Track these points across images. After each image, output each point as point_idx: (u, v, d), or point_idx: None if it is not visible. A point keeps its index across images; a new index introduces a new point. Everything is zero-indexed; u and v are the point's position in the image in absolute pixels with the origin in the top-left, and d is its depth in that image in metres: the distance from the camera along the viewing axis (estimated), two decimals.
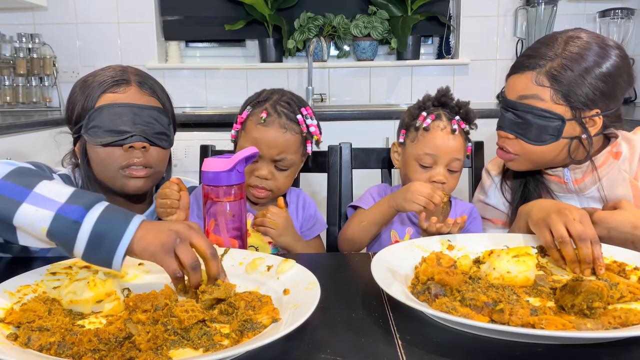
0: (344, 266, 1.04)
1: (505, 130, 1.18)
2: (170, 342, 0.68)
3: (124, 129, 1.12)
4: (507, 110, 1.18)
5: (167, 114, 1.21)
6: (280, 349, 0.67)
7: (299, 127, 1.25)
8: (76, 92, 1.18)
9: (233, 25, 3.04)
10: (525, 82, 1.14)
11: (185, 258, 0.77)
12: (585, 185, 1.22)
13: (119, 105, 1.14)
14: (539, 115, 1.13)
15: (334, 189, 1.51)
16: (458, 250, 1.02)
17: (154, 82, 1.23)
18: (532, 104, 1.13)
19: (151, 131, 1.15)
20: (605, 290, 0.75)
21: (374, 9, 3.08)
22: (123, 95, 1.15)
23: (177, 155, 2.38)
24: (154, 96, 1.19)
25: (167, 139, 1.20)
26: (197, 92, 3.18)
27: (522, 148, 1.18)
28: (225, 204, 1.00)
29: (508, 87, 1.20)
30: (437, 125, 1.29)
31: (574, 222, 0.94)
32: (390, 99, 3.22)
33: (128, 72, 1.20)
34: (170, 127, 1.22)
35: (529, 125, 1.14)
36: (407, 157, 1.33)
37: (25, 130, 2.10)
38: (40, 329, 0.70)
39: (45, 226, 0.78)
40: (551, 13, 2.98)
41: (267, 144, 1.22)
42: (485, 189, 1.38)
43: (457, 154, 1.29)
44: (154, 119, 1.16)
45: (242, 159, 0.99)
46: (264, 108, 1.24)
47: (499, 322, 0.72)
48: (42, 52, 2.96)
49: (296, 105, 1.27)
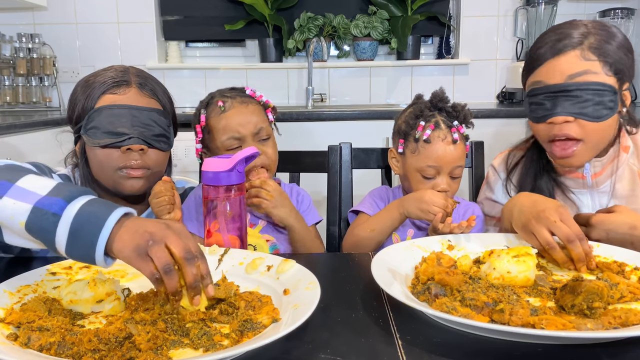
0: (344, 266, 1.04)
1: (562, 114, 1.11)
2: (170, 342, 0.68)
3: (122, 130, 1.12)
4: (554, 96, 1.12)
5: (168, 116, 1.21)
6: (280, 349, 0.67)
7: (253, 99, 1.32)
8: (78, 92, 1.18)
9: (233, 25, 3.04)
10: (572, 60, 1.11)
11: (157, 262, 0.69)
12: (602, 179, 1.21)
13: (118, 106, 1.13)
14: (594, 90, 1.09)
15: (334, 189, 1.51)
16: (458, 250, 1.02)
17: (156, 84, 1.22)
18: (586, 80, 1.10)
19: (150, 133, 1.14)
20: (606, 291, 0.76)
21: (374, 9, 3.08)
22: (123, 96, 1.15)
23: (177, 155, 2.38)
24: (154, 98, 1.19)
25: (166, 141, 1.20)
26: (197, 92, 3.17)
27: (583, 130, 1.12)
28: (225, 204, 1.00)
29: (548, 73, 1.13)
30: (437, 135, 1.26)
31: (556, 224, 0.93)
32: (390, 99, 3.22)
33: (129, 73, 1.19)
34: (170, 128, 1.22)
35: (586, 102, 1.10)
36: (409, 168, 1.31)
37: (25, 130, 2.10)
38: (40, 329, 0.70)
39: (23, 220, 0.73)
40: (551, 13, 2.98)
41: (240, 123, 1.26)
42: (491, 186, 1.36)
43: (459, 162, 1.28)
44: (153, 121, 1.16)
45: (242, 159, 1.00)
46: (215, 102, 1.29)
47: (499, 322, 0.72)
48: (42, 52, 2.96)
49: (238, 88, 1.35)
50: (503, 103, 3.06)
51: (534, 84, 1.17)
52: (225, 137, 1.26)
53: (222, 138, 1.26)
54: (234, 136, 1.25)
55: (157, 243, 0.70)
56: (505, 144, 1.43)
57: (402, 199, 1.25)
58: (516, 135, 1.41)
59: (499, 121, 2.56)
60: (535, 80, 1.17)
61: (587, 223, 1.08)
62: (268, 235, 1.31)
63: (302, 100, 3.19)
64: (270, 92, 1.29)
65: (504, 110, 2.61)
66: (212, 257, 0.93)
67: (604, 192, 1.22)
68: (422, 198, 1.19)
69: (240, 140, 1.26)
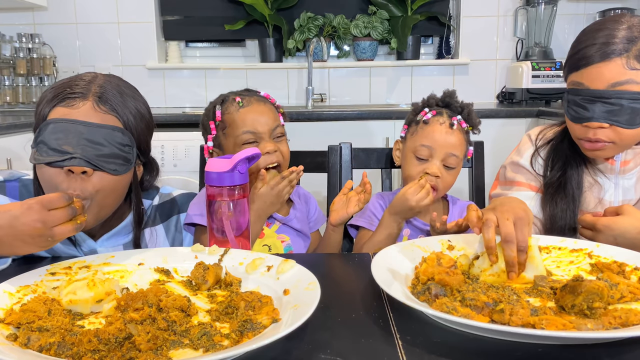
0: (344, 266, 1.04)
1: (599, 120, 1.13)
2: (170, 342, 0.68)
3: (66, 148, 0.98)
4: (594, 101, 1.14)
5: (127, 134, 1.05)
6: (280, 349, 0.67)
7: (268, 100, 1.33)
8: (43, 97, 1.07)
9: (233, 25, 3.04)
10: (616, 69, 1.11)
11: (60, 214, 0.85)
12: (629, 167, 1.23)
13: (66, 121, 1.00)
14: (634, 99, 1.11)
15: (334, 189, 1.51)
16: (458, 250, 1.02)
17: (125, 97, 1.07)
18: (627, 89, 1.11)
19: (97, 153, 1.00)
20: (606, 291, 0.75)
21: (374, 9, 3.08)
22: (74, 110, 1.02)
23: (177, 155, 2.38)
24: (111, 114, 1.04)
25: (122, 164, 1.03)
26: (197, 92, 3.17)
27: (617, 135, 1.14)
28: (228, 204, 1.00)
29: (591, 78, 1.14)
30: (437, 120, 1.31)
31: (505, 221, 0.89)
32: (390, 99, 3.22)
33: (93, 84, 1.06)
34: (131, 149, 1.06)
35: (623, 110, 1.12)
36: (406, 151, 1.35)
37: (25, 130, 2.10)
38: (40, 329, 0.69)
39: None
40: (551, 13, 2.98)
41: (257, 119, 1.27)
42: (521, 151, 1.36)
43: (453, 150, 1.29)
44: (104, 140, 1.01)
45: (243, 158, 0.99)
46: (232, 98, 1.30)
47: (499, 322, 0.72)
48: (42, 52, 2.96)
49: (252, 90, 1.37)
50: (503, 103, 3.06)
51: (575, 84, 1.18)
52: (242, 131, 1.26)
53: (238, 132, 1.26)
54: (250, 130, 1.26)
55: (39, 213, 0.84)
56: (505, 144, 1.44)
57: (390, 208, 1.26)
58: (516, 135, 1.41)
59: (499, 121, 2.56)
60: (577, 80, 1.17)
61: (594, 227, 1.07)
62: (284, 235, 1.32)
63: (302, 100, 3.19)
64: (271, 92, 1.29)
65: (504, 110, 2.61)
66: (212, 257, 0.93)
67: (629, 179, 1.24)
68: (403, 197, 1.22)
69: (257, 135, 1.26)
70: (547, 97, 2.84)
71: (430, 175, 1.27)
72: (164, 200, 1.26)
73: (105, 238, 1.14)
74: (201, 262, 0.89)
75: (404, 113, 1.78)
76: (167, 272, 0.90)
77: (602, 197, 1.24)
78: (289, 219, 1.34)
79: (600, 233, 1.05)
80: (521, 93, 2.87)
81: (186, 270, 0.90)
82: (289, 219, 1.34)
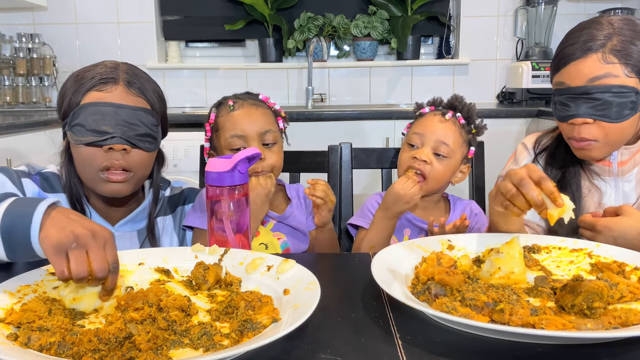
0: (344, 266, 1.04)
1: (582, 116, 1.15)
2: (170, 342, 0.68)
3: (105, 129, 1.09)
4: (576, 98, 1.15)
5: (155, 115, 1.17)
6: (280, 349, 0.67)
7: (265, 104, 1.33)
8: (67, 86, 1.15)
9: (233, 25, 3.04)
10: (592, 64, 1.13)
11: (74, 267, 0.74)
12: (627, 167, 1.23)
13: (103, 104, 1.10)
14: (615, 93, 1.12)
15: (334, 189, 1.51)
16: (458, 250, 1.02)
17: (146, 82, 1.18)
18: (606, 83, 1.12)
19: (134, 133, 1.11)
20: (606, 290, 0.75)
21: (374, 9, 3.08)
22: (109, 94, 1.12)
23: (177, 155, 2.38)
24: (141, 96, 1.15)
25: (152, 142, 1.16)
26: (197, 92, 3.17)
27: (602, 131, 1.15)
28: (228, 204, 1.00)
29: (570, 76, 1.16)
30: (432, 112, 1.38)
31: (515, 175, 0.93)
32: (390, 99, 3.22)
33: (119, 70, 1.16)
34: (158, 128, 1.18)
35: (606, 104, 1.13)
36: (403, 144, 1.40)
37: (25, 130, 2.10)
38: (40, 329, 0.69)
39: None
40: (551, 13, 2.98)
41: (246, 123, 1.27)
42: (518, 160, 1.37)
43: (444, 138, 1.32)
44: (139, 120, 1.12)
45: (243, 158, 0.99)
46: (226, 101, 1.31)
47: (499, 322, 0.72)
48: (42, 52, 2.96)
49: (252, 93, 1.37)
50: (503, 103, 3.06)
51: (558, 84, 1.20)
52: (229, 135, 1.26)
53: (226, 135, 1.27)
54: (237, 134, 1.26)
55: (79, 248, 0.75)
56: (505, 144, 1.45)
57: (382, 205, 1.29)
58: (516, 136, 1.42)
59: (499, 121, 2.56)
60: (559, 80, 1.20)
61: (593, 228, 1.07)
62: (279, 233, 1.32)
63: (302, 100, 3.19)
64: (270, 92, 1.30)
65: (504, 110, 2.61)
66: (212, 257, 0.93)
67: (629, 181, 1.24)
68: (392, 189, 1.26)
69: (244, 139, 1.26)
70: (547, 97, 2.83)
71: (418, 159, 1.31)
72: (174, 192, 1.33)
73: (122, 223, 1.21)
74: (201, 261, 0.89)
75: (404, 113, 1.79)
76: (167, 271, 0.91)
77: (603, 202, 1.24)
78: (284, 216, 1.34)
79: (600, 234, 1.05)
80: (521, 93, 2.87)
81: (186, 270, 0.90)
82: (285, 216, 1.35)
